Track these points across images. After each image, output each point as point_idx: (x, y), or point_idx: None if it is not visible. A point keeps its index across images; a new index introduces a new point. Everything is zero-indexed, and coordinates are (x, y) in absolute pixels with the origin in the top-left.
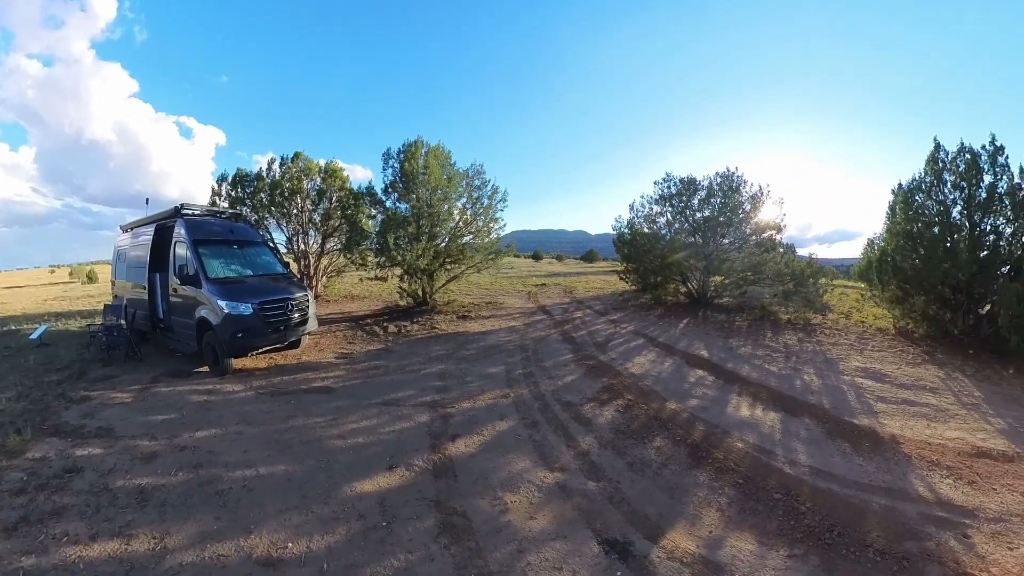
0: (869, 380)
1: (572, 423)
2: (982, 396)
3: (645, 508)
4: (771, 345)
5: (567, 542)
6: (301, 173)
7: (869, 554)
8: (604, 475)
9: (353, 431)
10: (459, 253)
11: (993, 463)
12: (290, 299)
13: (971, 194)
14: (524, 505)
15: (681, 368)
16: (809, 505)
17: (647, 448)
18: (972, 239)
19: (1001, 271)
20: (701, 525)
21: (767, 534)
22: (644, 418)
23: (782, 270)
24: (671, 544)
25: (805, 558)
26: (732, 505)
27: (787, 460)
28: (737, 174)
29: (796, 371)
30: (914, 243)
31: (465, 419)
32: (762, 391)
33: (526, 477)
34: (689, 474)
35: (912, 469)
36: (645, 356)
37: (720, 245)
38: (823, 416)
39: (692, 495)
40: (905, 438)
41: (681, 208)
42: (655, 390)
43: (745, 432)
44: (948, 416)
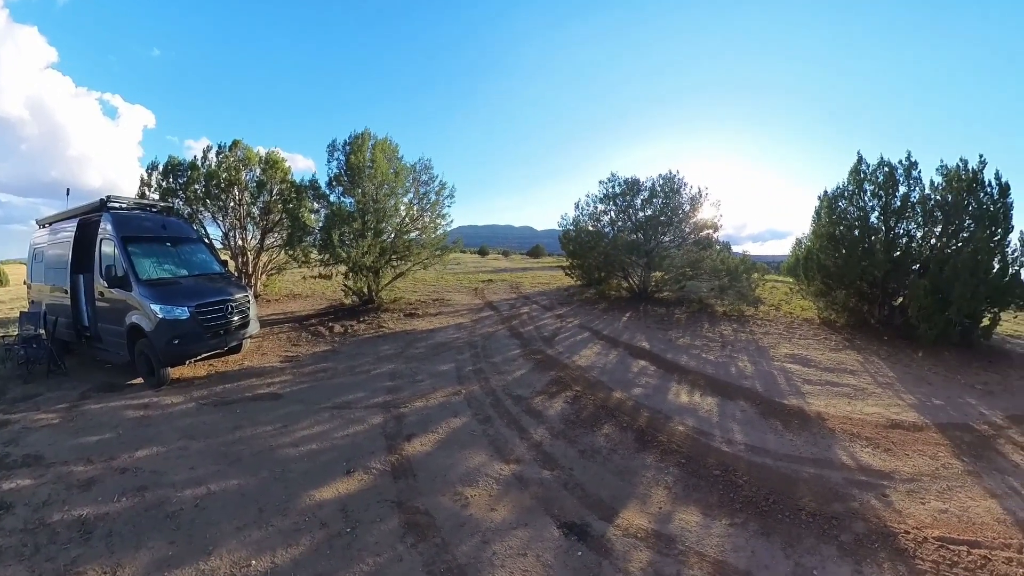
0: (797, 365)
1: (524, 416)
2: (895, 376)
3: (598, 491)
4: (708, 336)
5: (528, 529)
6: (239, 163)
7: (802, 516)
8: (558, 464)
9: (306, 438)
10: (405, 249)
11: (905, 432)
12: (229, 300)
13: (887, 202)
14: (484, 498)
15: (625, 359)
16: (746, 478)
17: (596, 435)
18: (887, 241)
19: (912, 269)
20: (651, 503)
21: (710, 506)
22: (592, 408)
23: (718, 266)
24: (625, 522)
25: (745, 524)
26: (677, 483)
27: (725, 439)
28: (678, 176)
29: (731, 359)
30: (837, 243)
31: (419, 418)
32: (700, 378)
33: (483, 471)
34: (637, 457)
35: (836, 441)
36: (591, 349)
37: (661, 243)
38: (756, 398)
39: (641, 476)
40: (829, 415)
41: (625, 207)
42: (601, 381)
43: (686, 416)
44: (866, 394)
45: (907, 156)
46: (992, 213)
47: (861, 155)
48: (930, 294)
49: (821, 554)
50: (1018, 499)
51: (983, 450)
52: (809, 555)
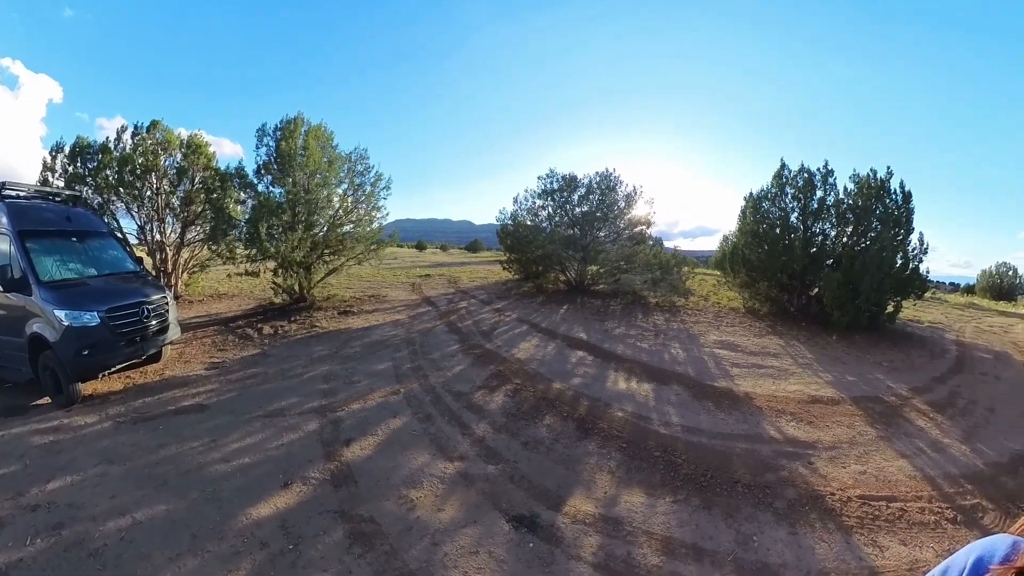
0: (725, 350)
1: (465, 412)
2: (813, 357)
3: (544, 482)
4: (642, 325)
5: (478, 526)
6: (158, 146)
7: (738, 488)
8: (502, 457)
9: (237, 451)
10: (339, 244)
11: (824, 407)
12: (146, 303)
13: (806, 204)
14: (430, 499)
15: (563, 351)
16: (685, 457)
17: (538, 427)
18: (805, 239)
19: (826, 263)
20: (596, 488)
21: (653, 486)
22: (533, 400)
23: (651, 260)
24: (573, 510)
25: (687, 500)
26: (620, 467)
27: (662, 422)
28: (614, 174)
29: (664, 346)
30: (760, 240)
31: (357, 421)
32: (636, 366)
33: (427, 471)
34: (579, 445)
35: (764, 418)
36: (529, 341)
37: (597, 238)
38: (689, 382)
39: (584, 464)
40: (756, 394)
41: (562, 203)
42: (541, 373)
43: (624, 402)
44: (788, 374)
45: (824, 164)
46: (896, 216)
47: (784, 162)
48: (842, 285)
49: (759, 521)
50: (924, 458)
51: (892, 418)
52: (748, 523)
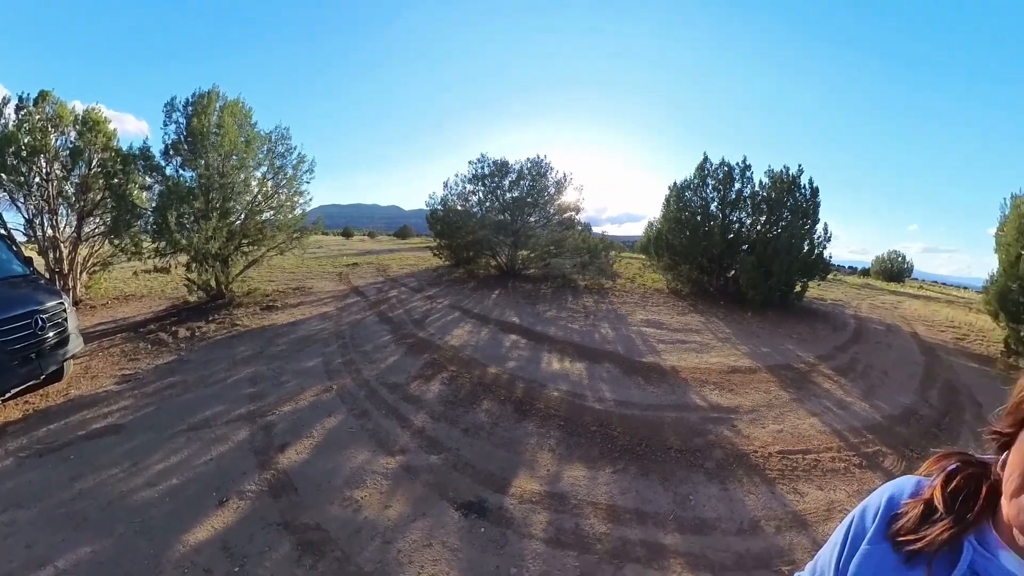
0: (651, 328)
1: (402, 404)
2: (731, 332)
3: (488, 466)
4: (573, 307)
5: (427, 519)
6: (48, 123)
7: (671, 454)
8: (443, 446)
9: (163, 473)
10: (258, 233)
11: (743, 375)
12: (40, 312)
13: (725, 195)
14: (376, 497)
15: (497, 335)
16: (620, 429)
17: (477, 412)
18: (723, 226)
19: (742, 248)
20: (539, 467)
21: (593, 459)
22: (470, 386)
23: (580, 245)
24: (519, 490)
25: (626, 469)
26: (560, 444)
27: (596, 398)
28: (545, 161)
29: (595, 327)
30: (682, 226)
31: (290, 424)
32: (568, 346)
33: (369, 468)
34: (519, 427)
35: (690, 388)
36: (462, 328)
37: (527, 223)
38: (619, 360)
39: (525, 444)
40: (682, 367)
41: (493, 188)
42: (476, 358)
43: (559, 382)
44: (709, 348)
45: (743, 159)
46: (805, 208)
47: (707, 155)
48: (756, 268)
49: (692, 481)
50: (832, 415)
51: (802, 383)
52: (683, 484)
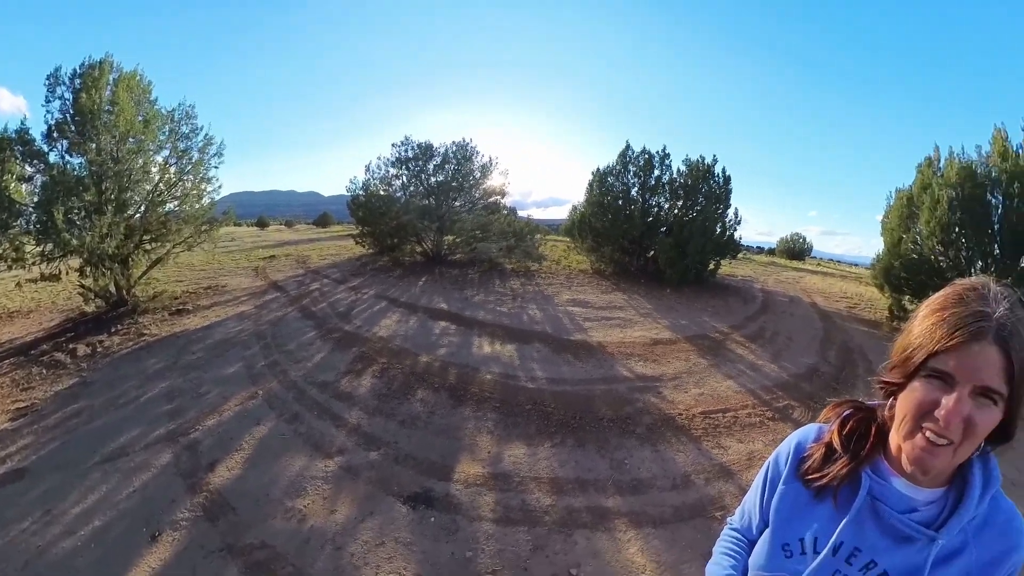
0: (577, 307)
1: (334, 402)
2: (652, 308)
3: (429, 455)
4: (500, 291)
5: (375, 517)
6: None
7: (604, 424)
8: (382, 441)
9: (82, 516)
10: (162, 227)
11: (665, 346)
12: None
13: (645, 181)
14: (319, 503)
15: (426, 323)
16: (554, 405)
17: (412, 403)
18: (643, 210)
19: (660, 230)
20: (480, 450)
21: (531, 437)
22: (402, 377)
23: (506, 228)
24: (463, 475)
25: (563, 442)
26: (498, 426)
27: (529, 378)
28: (471, 144)
29: (522, 308)
30: (605, 210)
31: (216, 439)
32: (498, 329)
33: (308, 474)
34: (455, 413)
35: (616, 361)
36: (390, 317)
37: (453, 207)
38: (548, 339)
39: (463, 429)
40: (608, 342)
41: (417, 172)
42: (406, 348)
43: (491, 365)
44: (632, 324)
45: (663, 148)
46: (718, 194)
47: (628, 143)
48: (673, 248)
49: (626, 447)
50: (746, 377)
51: (718, 350)
52: (617, 450)
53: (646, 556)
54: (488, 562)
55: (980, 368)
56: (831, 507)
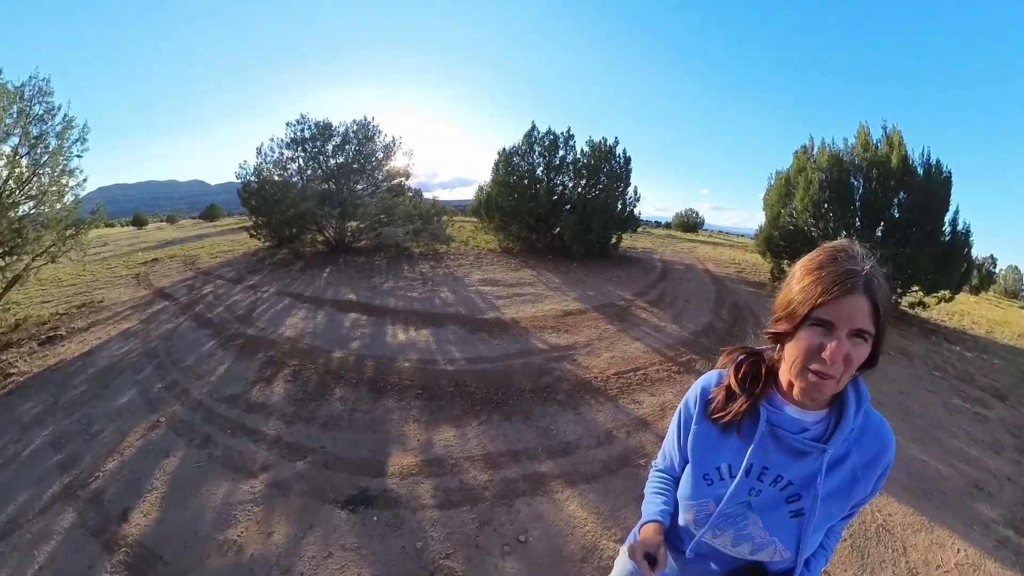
0: (488, 286)
1: (247, 416)
2: (560, 282)
3: (359, 454)
4: (410, 276)
5: (316, 529)
6: None
7: (526, 395)
8: (307, 448)
9: None
10: (15, 236)
11: (576, 317)
12: None
13: (550, 161)
14: (254, 528)
15: (335, 316)
16: (476, 385)
17: (332, 403)
18: (548, 189)
19: (565, 208)
20: (409, 440)
21: (457, 418)
22: (317, 377)
23: (411, 211)
24: (397, 468)
25: (490, 419)
26: (423, 412)
27: (447, 360)
28: (373, 124)
29: (434, 292)
30: (511, 190)
31: (123, 484)
32: (411, 315)
33: (235, 500)
34: (378, 406)
35: (531, 335)
36: (296, 315)
37: (355, 191)
38: (463, 320)
39: (389, 422)
40: (521, 318)
41: (315, 153)
42: (317, 345)
43: (408, 352)
44: (543, 298)
45: (568, 129)
46: (619, 173)
47: (534, 124)
48: (578, 225)
49: (550, 414)
50: (651, 338)
51: (625, 316)
52: (542, 418)
53: (586, 510)
54: (439, 548)
55: (854, 315)
56: (737, 438)
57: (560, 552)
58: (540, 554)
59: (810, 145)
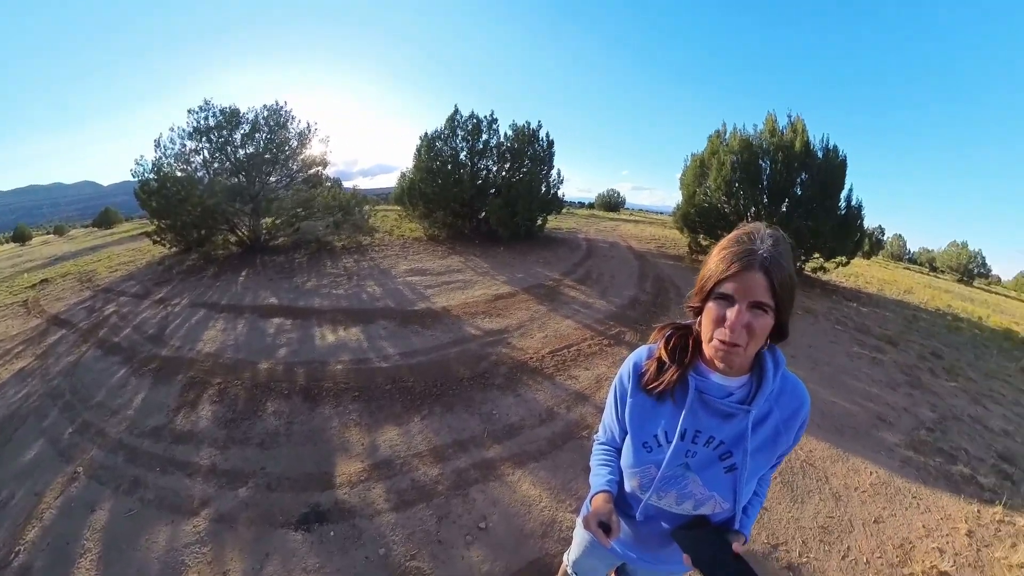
0: (416, 276)
1: (175, 449)
2: (489, 266)
3: (303, 469)
4: (333, 272)
5: (273, 556)
6: None
7: (465, 383)
8: (246, 472)
9: None
10: None
11: (506, 300)
12: None
13: (473, 145)
14: (206, 570)
15: (257, 324)
16: (413, 379)
17: (266, 419)
18: (472, 173)
19: (490, 192)
20: (353, 446)
21: (399, 415)
22: (245, 393)
23: (330, 202)
24: (345, 477)
25: (431, 411)
26: (363, 414)
27: (381, 357)
28: (286, 109)
29: (360, 287)
30: (434, 176)
31: (50, 554)
32: (339, 314)
33: (179, 544)
34: (315, 415)
35: (464, 322)
36: (214, 327)
37: (268, 184)
38: (393, 314)
39: (329, 430)
40: (452, 306)
41: (222, 144)
42: (241, 359)
43: (339, 354)
44: (473, 284)
45: (491, 113)
46: (542, 157)
47: (457, 108)
48: (503, 208)
49: (491, 399)
50: (581, 315)
51: (554, 296)
52: (484, 404)
53: (538, 487)
54: (403, 550)
55: (751, 289)
56: (671, 406)
57: (521, 532)
58: (502, 537)
59: (723, 130)
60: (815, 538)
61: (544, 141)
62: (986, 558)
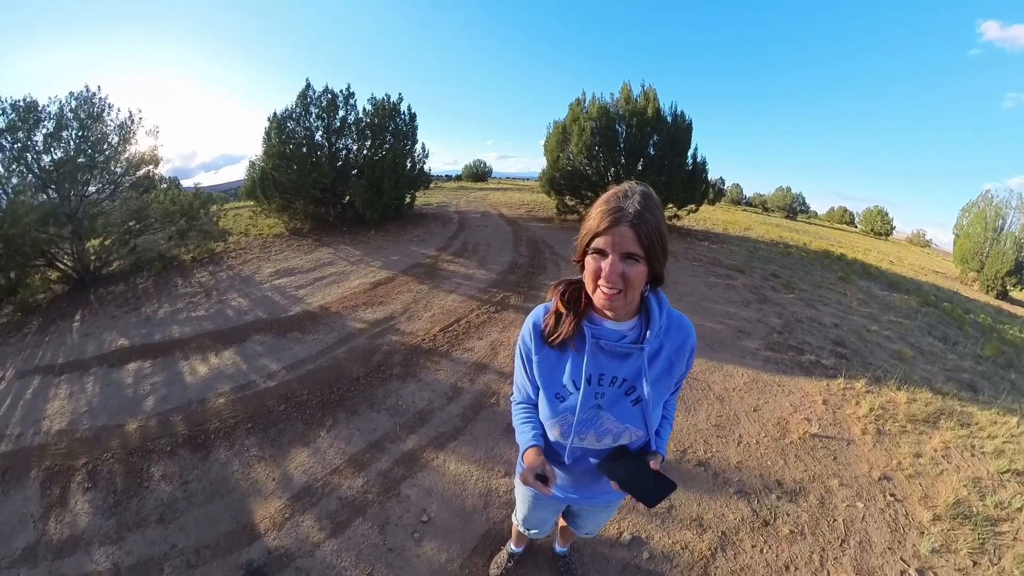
0: (285, 278)
1: (62, 564)
2: (361, 253)
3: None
4: (187, 291)
5: None
6: None
7: (363, 382)
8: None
9: None
10: None
11: (386, 286)
12: None
13: (330, 123)
14: None
15: (110, 376)
16: (306, 392)
17: (156, 489)
18: (331, 155)
19: (352, 173)
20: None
21: (303, 435)
22: (120, 466)
23: (169, 208)
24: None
25: (336, 421)
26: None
27: (266, 377)
28: (99, 96)
29: (223, 302)
30: (289, 161)
31: None
32: (205, 339)
33: None
34: (211, 464)
35: (346, 318)
36: (57, 396)
37: (87, 196)
38: (267, 325)
39: (233, 479)
40: (330, 303)
41: (19, 151)
42: (101, 426)
43: (218, 385)
44: (348, 275)
45: (347, 87)
46: (405, 132)
47: (309, 82)
48: (368, 189)
49: (393, 390)
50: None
51: (433, 273)
52: (388, 398)
53: (465, 463)
54: (357, 573)
55: (620, 241)
56: (573, 356)
57: (463, 510)
58: (448, 522)
59: (582, 98)
60: (713, 435)
61: (406, 115)
62: (840, 416)
